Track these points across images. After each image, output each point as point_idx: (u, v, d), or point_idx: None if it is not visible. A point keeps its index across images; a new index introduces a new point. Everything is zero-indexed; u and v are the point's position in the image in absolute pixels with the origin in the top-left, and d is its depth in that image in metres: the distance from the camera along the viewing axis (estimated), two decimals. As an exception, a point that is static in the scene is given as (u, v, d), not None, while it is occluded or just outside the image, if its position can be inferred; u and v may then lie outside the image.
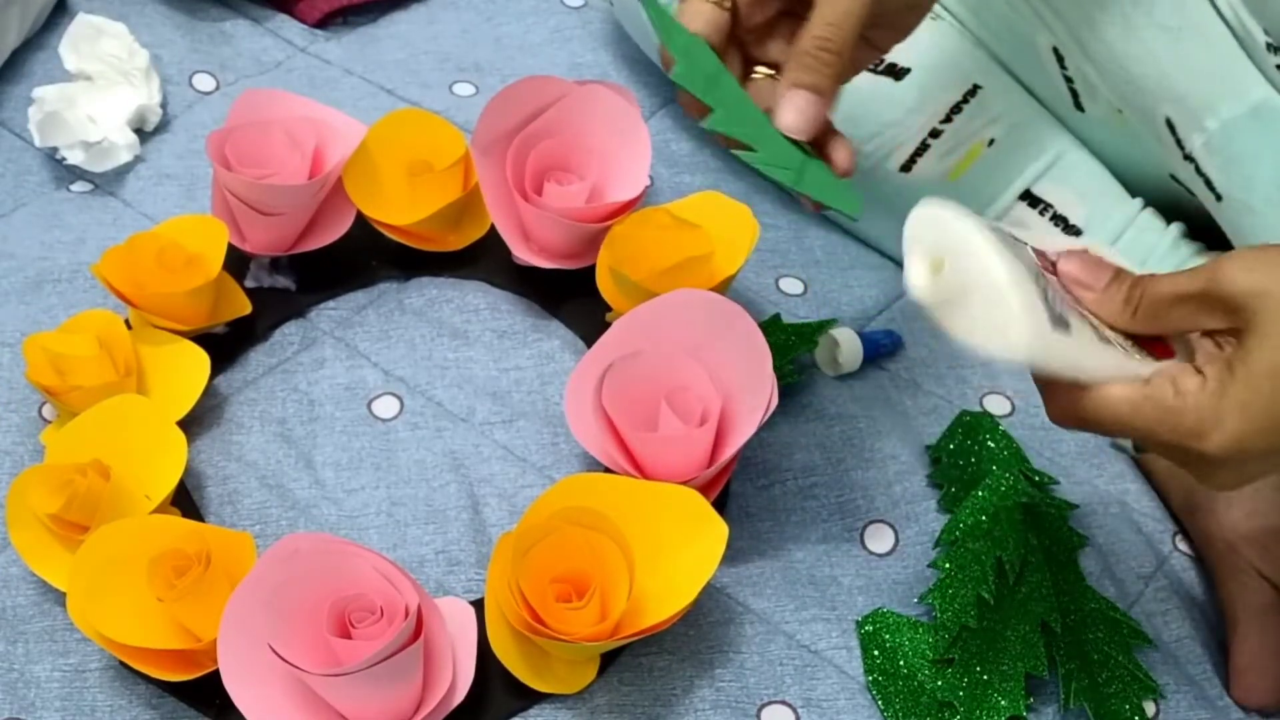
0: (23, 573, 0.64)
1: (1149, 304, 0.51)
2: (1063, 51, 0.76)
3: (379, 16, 0.98)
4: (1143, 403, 0.50)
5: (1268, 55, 0.66)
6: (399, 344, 0.76)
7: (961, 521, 0.67)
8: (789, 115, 0.57)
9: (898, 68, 0.78)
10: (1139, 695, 0.63)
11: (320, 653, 0.56)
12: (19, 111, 0.87)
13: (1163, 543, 0.70)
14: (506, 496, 0.69)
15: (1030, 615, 0.63)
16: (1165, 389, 0.49)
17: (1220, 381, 0.49)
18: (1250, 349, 0.48)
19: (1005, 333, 0.48)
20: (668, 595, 0.59)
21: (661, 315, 0.66)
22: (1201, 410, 0.49)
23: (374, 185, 0.77)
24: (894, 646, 0.63)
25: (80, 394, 0.66)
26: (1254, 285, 0.48)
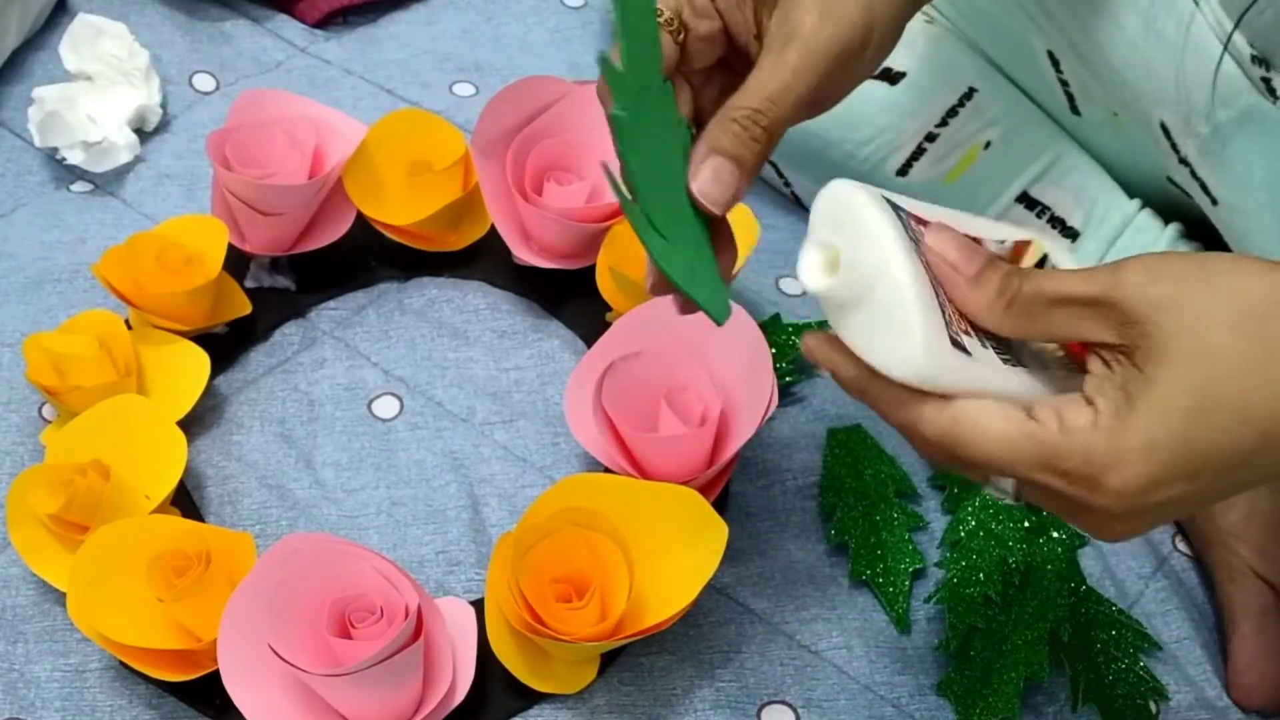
0: (23, 573, 0.64)
1: (1026, 301, 0.44)
2: (1058, 55, 0.76)
3: (379, 16, 0.98)
4: (1022, 441, 0.42)
5: (1253, 66, 0.66)
6: (399, 344, 0.76)
7: (964, 522, 0.67)
8: (707, 180, 0.49)
9: (893, 72, 0.78)
10: (1145, 696, 0.63)
11: (320, 653, 0.56)
12: (19, 111, 0.87)
13: (1163, 543, 0.70)
14: (506, 496, 0.69)
15: (1040, 623, 0.63)
16: (1049, 424, 0.42)
17: (1117, 417, 0.41)
18: (1156, 378, 0.41)
19: (899, 346, 0.42)
20: (668, 595, 0.59)
21: (661, 315, 0.66)
22: (1093, 452, 0.41)
23: (374, 185, 0.77)
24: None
25: (80, 394, 0.66)
26: (1161, 298, 0.41)
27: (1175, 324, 0.41)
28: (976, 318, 0.45)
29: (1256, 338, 0.40)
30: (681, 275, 0.48)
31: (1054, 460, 0.42)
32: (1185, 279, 0.41)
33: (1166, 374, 0.41)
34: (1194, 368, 0.40)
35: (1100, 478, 0.41)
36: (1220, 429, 0.41)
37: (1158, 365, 0.41)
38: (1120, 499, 0.41)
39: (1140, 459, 0.41)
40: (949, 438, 0.43)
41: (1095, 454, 0.41)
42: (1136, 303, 0.41)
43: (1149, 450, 0.41)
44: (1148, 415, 0.41)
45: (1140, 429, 0.41)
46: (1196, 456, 0.41)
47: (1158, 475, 0.41)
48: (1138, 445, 0.41)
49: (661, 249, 0.48)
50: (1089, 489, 0.42)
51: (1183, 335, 0.41)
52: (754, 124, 0.49)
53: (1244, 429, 0.41)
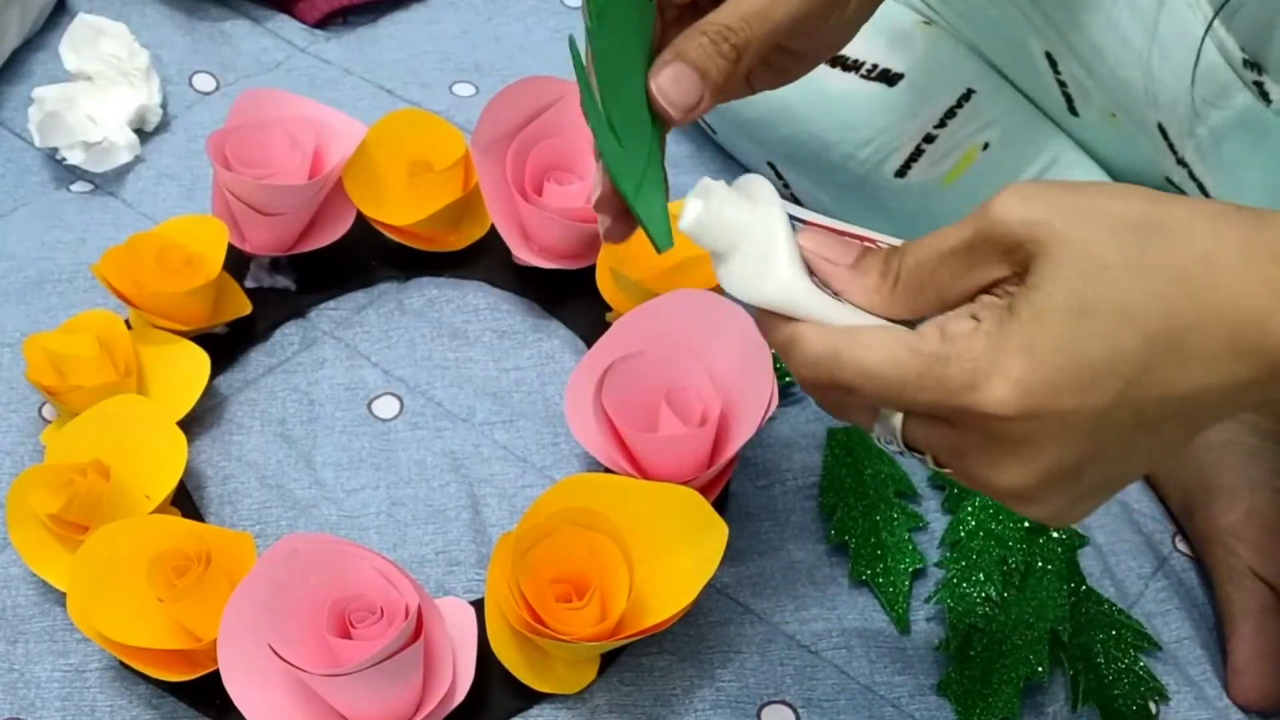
0: (23, 573, 0.64)
1: (911, 271, 0.43)
2: (1055, 56, 0.76)
3: (379, 16, 0.98)
4: (902, 352, 0.41)
5: (1244, 70, 0.66)
6: (399, 344, 0.76)
7: (964, 522, 0.67)
8: (667, 80, 0.47)
9: (891, 73, 0.78)
10: (1145, 696, 0.63)
11: (320, 653, 0.56)
12: (19, 111, 0.87)
13: (1163, 543, 0.70)
14: (506, 496, 0.69)
15: (1040, 623, 0.63)
16: (930, 335, 0.41)
17: (998, 322, 0.40)
18: (1036, 284, 0.40)
19: (762, 270, 0.43)
20: (668, 595, 0.59)
21: (661, 315, 0.66)
22: (973, 356, 0.40)
23: (374, 185, 0.77)
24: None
25: (80, 394, 0.66)
26: (1031, 215, 0.40)
27: (1052, 234, 0.39)
28: (870, 308, 0.43)
29: (1134, 240, 0.39)
30: (630, 186, 0.47)
31: (934, 369, 0.40)
32: (1057, 198, 0.40)
33: (1046, 278, 0.39)
34: (1072, 269, 0.39)
35: (981, 385, 0.39)
36: (1102, 333, 0.39)
37: (1038, 272, 0.40)
38: (1002, 404, 0.39)
39: (1021, 362, 0.39)
40: (828, 354, 0.42)
41: (976, 358, 0.40)
42: (1012, 226, 0.40)
43: (1029, 351, 0.39)
44: (1030, 320, 0.39)
45: (1020, 332, 0.39)
46: (1083, 363, 0.39)
47: (1042, 381, 0.39)
48: (1016, 347, 0.39)
49: (614, 152, 0.47)
50: (969, 394, 0.40)
51: (1061, 241, 0.39)
52: (724, 40, 0.48)
53: (1127, 332, 0.39)
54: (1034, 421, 0.40)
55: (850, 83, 0.78)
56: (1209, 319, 0.39)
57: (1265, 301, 0.39)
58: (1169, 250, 0.39)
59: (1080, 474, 0.42)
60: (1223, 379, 0.39)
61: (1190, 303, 0.39)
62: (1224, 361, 0.39)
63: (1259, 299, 0.39)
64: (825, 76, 0.78)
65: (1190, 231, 0.40)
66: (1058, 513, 0.43)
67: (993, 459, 0.41)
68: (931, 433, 0.43)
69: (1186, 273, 0.39)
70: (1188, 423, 0.41)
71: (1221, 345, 0.39)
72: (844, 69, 0.78)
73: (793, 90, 0.78)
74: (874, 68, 0.78)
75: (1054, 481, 0.42)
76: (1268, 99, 0.66)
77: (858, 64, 0.78)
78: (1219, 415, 0.42)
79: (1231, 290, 0.39)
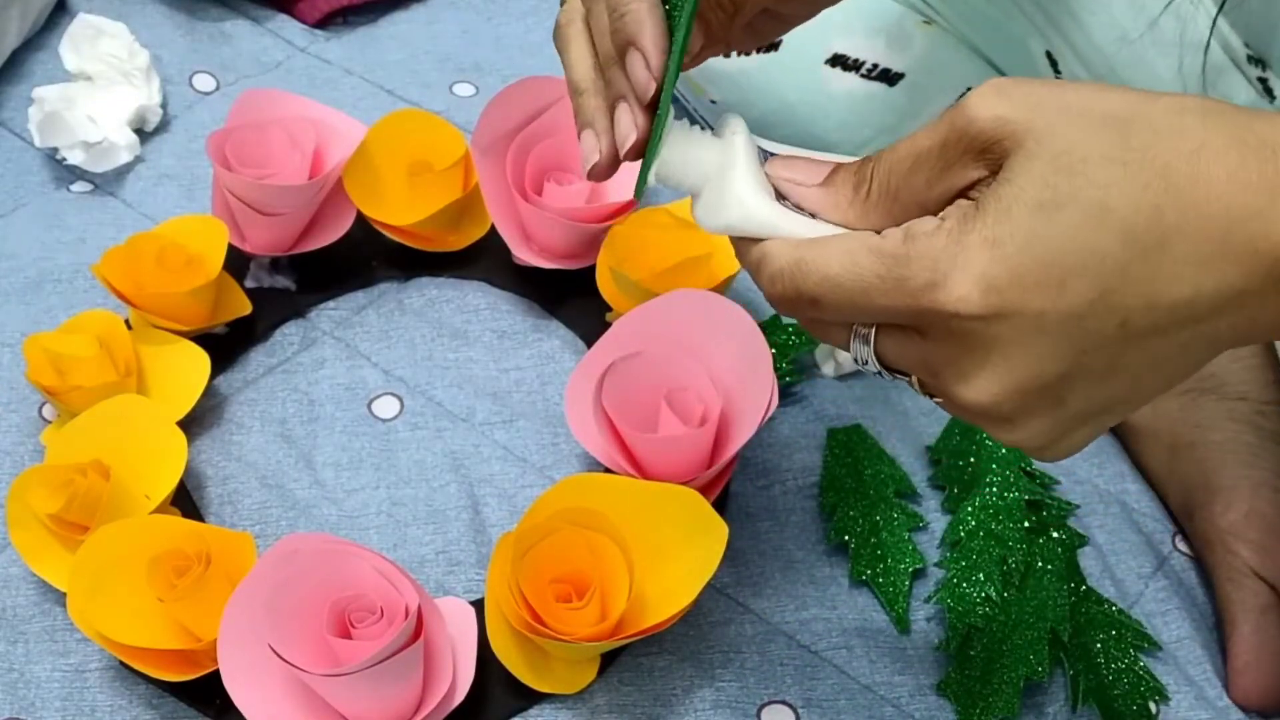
0: (23, 573, 0.64)
1: (884, 178, 0.40)
2: (1055, 56, 0.76)
3: (379, 16, 0.98)
4: (863, 255, 0.39)
5: (1249, 66, 0.66)
6: (399, 344, 0.76)
7: (964, 522, 0.67)
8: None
9: (891, 73, 0.78)
10: (1145, 696, 0.63)
11: (320, 653, 0.56)
12: (19, 111, 0.87)
13: (1163, 543, 0.70)
14: (506, 496, 0.69)
15: (1040, 623, 0.63)
16: (893, 235, 0.39)
17: (962, 219, 0.38)
18: (1007, 178, 0.37)
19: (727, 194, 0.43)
20: (668, 595, 0.59)
21: (661, 315, 0.66)
22: (935, 253, 0.37)
23: (374, 185, 0.77)
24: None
25: (80, 394, 0.66)
26: (1006, 111, 0.38)
27: (1029, 129, 0.37)
28: (845, 223, 0.42)
29: (1116, 134, 0.37)
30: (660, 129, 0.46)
31: (895, 269, 0.38)
32: (1037, 93, 0.38)
33: (1017, 171, 0.37)
34: (1045, 162, 0.37)
35: (942, 282, 0.37)
36: (1076, 228, 0.36)
37: (1010, 167, 0.37)
38: (966, 301, 0.37)
39: (985, 256, 0.37)
40: (791, 264, 0.40)
41: (937, 255, 0.37)
42: (986, 123, 0.38)
43: (994, 245, 0.37)
44: (996, 214, 0.37)
45: (984, 226, 0.37)
46: (1054, 260, 0.37)
47: (1008, 277, 0.37)
48: (980, 241, 0.37)
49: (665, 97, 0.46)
50: (932, 293, 0.37)
51: (1037, 136, 0.37)
52: None
53: (1104, 228, 0.36)
54: (1002, 322, 0.37)
55: (850, 83, 0.78)
56: (1197, 218, 0.36)
57: (1258, 199, 0.36)
58: (1154, 145, 0.37)
59: (1062, 393, 0.39)
60: (1215, 285, 0.37)
61: (1176, 200, 0.36)
62: (1215, 265, 0.36)
63: (1251, 196, 0.36)
64: (826, 76, 0.78)
65: (1178, 127, 0.37)
66: (1041, 440, 0.40)
67: (962, 369, 0.39)
68: (903, 346, 0.40)
69: (1172, 169, 0.36)
70: (1181, 342, 0.38)
71: (1212, 246, 0.36)
72: (844, 69, 0.78)
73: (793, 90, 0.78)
74: (874, 67, 0.78)
75: (1031, 398, 0.39)
76: (1271, 95, 0.67)
77: (858, 64, 0.78)
78: (1215, 337, 0.38)
79: (1221, 188, 0.36)
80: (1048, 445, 0.41)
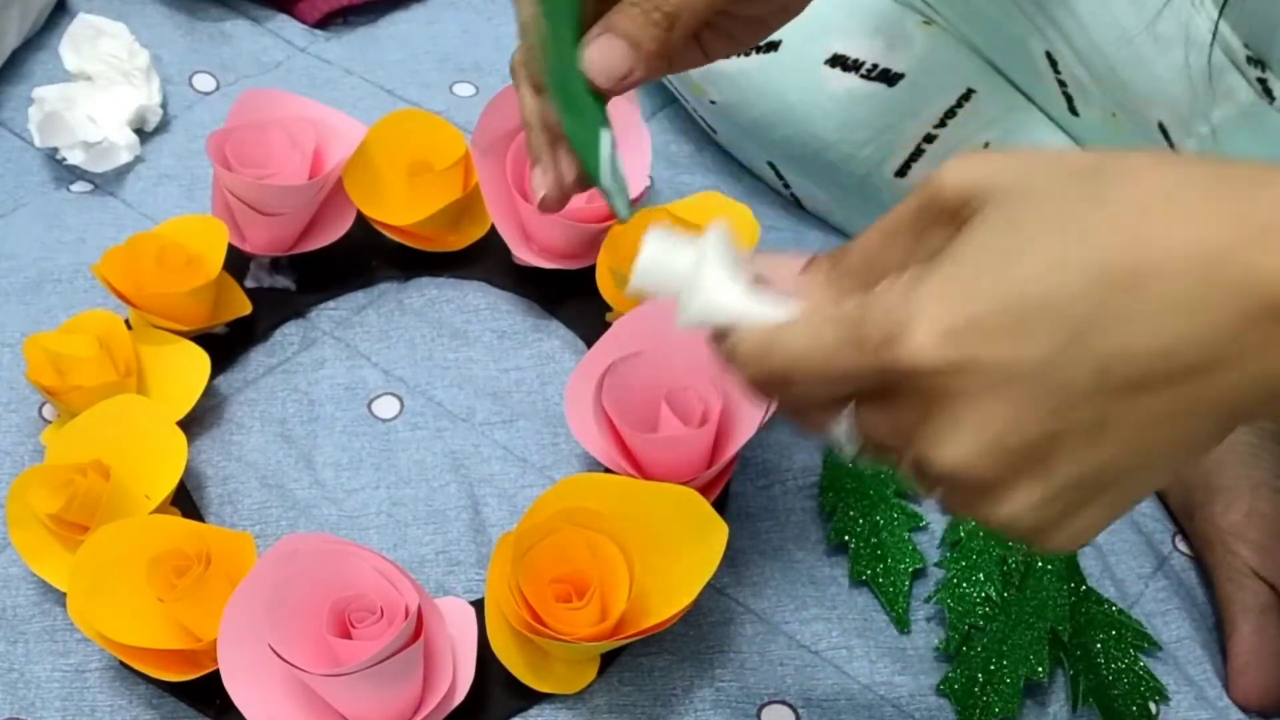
0: (23, 573, 0.64)
1: (859, 257, 0.39)
2: (1056, 56, 0.76)
3: (379, 16, 0.98)
4: (821, 324, 0.38)
5: (1248, 67, 0.66)
6: (399, 344, 0.76)
7: (964, 522, 0.67)
8: (596, 51, 0.47)
9: (891, 73, 0.78)
10: (1145, 696, 0.63)
11: (320, 653, 0.56)
12: (19, 111, 0.87)
13: (1163, 543, 0.70)
14: (506, 496, 0.69)
15: (1040, 622, 0.63)
16: (851, 301, 0.37)
17: (919, 274, 0.36)
18: (964, 232, 0.36)
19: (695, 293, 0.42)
20: (668, 595, 0.59)
21: (661, 315, 0.66)
22: (889, 308, 0.36)
23: (374, 185, 0.77)
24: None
25: (80, 394, 0.66)
26: (970, 175, 0.36)
27: (995, 185, 0.36)
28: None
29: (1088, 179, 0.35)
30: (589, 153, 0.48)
31: (852, 331, 0.36)
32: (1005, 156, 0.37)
33: (978, 223, 0.35)
34: (1009, 209, 0.35)
35: (900, 334, 0.35)
36: (1036, 267, 0.34)
37: (971, 221, 0.36)
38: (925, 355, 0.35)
39: (940, 304, 0.35)
40: (759, 348, 0.39)
41: (890, 309, 0.35)
42: (954, 188, 0.36)
43: (948, 294, 0.35)
44: (952, 262, 0.35)
45: (940, 275, 0.35)
46: (1011, 302, 0.34)
47: (965, 322, 0.34)
48: (934, 292, 0.35)
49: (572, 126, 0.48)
50: (890, 348, 0.35)
51: (1004, 189, 0.35)
52: (655, 9, 0.47)
53: (1069, 268, 0.34)
54: (965, 374, 0.35)
55: (850, 83, 0.78)
56: (1175, 258, 0.33)
57: (1242, 233, 0.33)
58: (1126, 187, 0.34)
59: (1045, 456, 0.36)
60: (1201, 331, 0.33)
61: (1150, 238, 0.33)
62: (1198, 307, 0.33)
63: (1233, 231, 0.33)
64: (826, 76, 0.78)
65: (1152, 171, 0.35)
66: (1036, 517, 0.37)
67: (933, 431, 0.36)
68: (876, 416, 0.39)
69: (1147, 207, 0.34)
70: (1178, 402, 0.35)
71: (1192, 287, 0.33)
72: (844, 69, 0.78)
73: (793, 90, 0.78)
74: (874, 68, 0.78)
75: (1011, 459, 0.36)
76: (1271, 96, 0.66)
77: (858, 64, 0.78)
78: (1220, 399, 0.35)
79: (1200, 224, 0.33)
80: (1047, 525, 0.38)
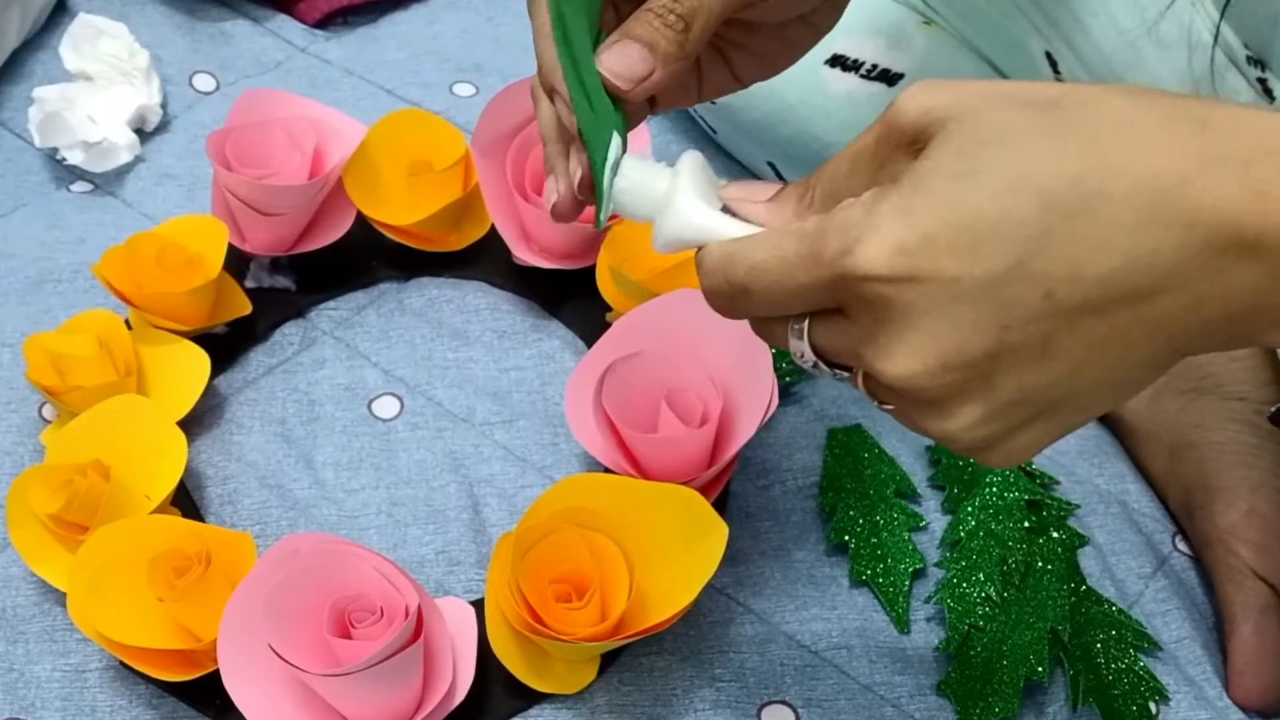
0: (23, 573, 0.64)
1: (825, 184, 0.41)
2: (1056, 56, 0.76)
3: (379, 16, 0.98)
4: (783, 237, 0.39)
5: (1248, 67, 0.66)
6: (399, 344, 0.76)
7: (964, 522, 0.67)
8: (612, 55, 0.48)
9: (891, 73, 0.78)
10: (1145, 696, 0.63)
11: (320, 653, 0.56)
12: (19, 111, 0.87)
13: (1163, 543, 0.70)
14: (506, 496, 0.69)
15: (1040, 623, 0.63)
16: (813, 218, 0.39)
17: (877, 194, 0.38)
18: (922, 157, 0.37)
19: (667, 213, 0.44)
20: (668, 595, 0.59)
21: (661, 315, 0.66)
22: (847, 224, 0.37)
23: (374, 185, 0.77)
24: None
25: (80, 394, 0.66)
26: (929, 102, 0.38)
27: (951, 113, 0.37)
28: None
29: (1042, 109, 0.36)
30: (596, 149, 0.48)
31: (812, 244, 0.38)
32: (965, 84, 0.38)
33: (935, 147, 0.37)
34: (964, 136, 0.36)
35: (854, 248, 0.37)
36: (990, 192, 0.36)
37: (929, 146, 0.37)
38: (875, 262, 0.36)
39: (896, 220, 0.36)
40: (722, 258, 0.41)
41: (849, 225, 0.37)
42: (913, 114, 0.38)
43: (905, 211, 0.36)
44: (910, 185, 0.37)
45: (897, 196, 0.37)
46: (966, 224, 0.36)
47: (918, 239, 0.36)
48: (891, 209, 0.37)
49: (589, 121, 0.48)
50: (844, 259, 0.37)
51: (960, 117, 0.37)
52: (669, 11, 0.48)
53: (1020, 193, 0.35)
54: (914, 287, 0.36)
55: (850, 83, 0.78)
56: (1125, 183, 0.35)
57: (1192, 166, 0.34)
58: (1080, 118, 0.36)
59: (990, 373, 0.38)
60: (1147, 254, 0.35)
61: (1102, 166, 0.35)
62: (1145, 231, 0.35)
63: (1186, 163, 0.35)
64: (826, 77, 0.78)
65: (1106, 103, 0.36)
66: (980, 434, 0.39)
67: (881, 344, 0.38)
68: (832, 332, 0.40)
69: (1097, 136, 0.35)
70: (1121, 326, 0.36)
71: (1141, 212, 0.35)
72: (844, 69, 0.78)
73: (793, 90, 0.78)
74: (874, 68, 0.78)
75: (956, 374, 0.37)
76: (1271, 95, 0.67)
77: (858, 64, 0.78)
78: (1161, 324, 0.36)
79: (1150, 153, 0.35)
80: (989, 442, 0.39)
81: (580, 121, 0.48)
